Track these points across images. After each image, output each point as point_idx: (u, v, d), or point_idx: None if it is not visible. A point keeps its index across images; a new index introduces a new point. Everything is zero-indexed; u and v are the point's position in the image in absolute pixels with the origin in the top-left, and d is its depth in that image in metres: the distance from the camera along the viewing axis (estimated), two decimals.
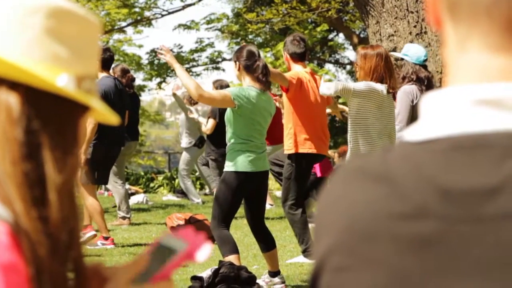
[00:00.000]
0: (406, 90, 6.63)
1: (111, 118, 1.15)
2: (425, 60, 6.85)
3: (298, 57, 7.21)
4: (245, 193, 6.36)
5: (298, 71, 7.14)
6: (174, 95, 11.89)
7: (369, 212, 0.81)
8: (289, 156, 7.20)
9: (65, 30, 1.11)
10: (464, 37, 0.83)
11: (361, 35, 20.86)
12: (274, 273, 6.57)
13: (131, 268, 1.17)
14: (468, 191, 0.77)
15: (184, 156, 12.69)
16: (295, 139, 7.13)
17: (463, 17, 0.83)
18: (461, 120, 0.80)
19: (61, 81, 1.09)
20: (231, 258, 6.29)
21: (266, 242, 6.55)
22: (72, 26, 1.12)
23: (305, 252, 7.41)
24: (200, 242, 1.17)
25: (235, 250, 6.34)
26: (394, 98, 6.51)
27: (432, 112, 0.83)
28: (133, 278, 1.17)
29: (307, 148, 7.14)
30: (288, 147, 7.18)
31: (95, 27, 1.15)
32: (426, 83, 6.76)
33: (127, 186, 12.78)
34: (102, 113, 1.15)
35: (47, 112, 1.09)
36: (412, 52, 6.79)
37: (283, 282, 6.59)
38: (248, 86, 6.34)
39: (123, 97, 8.68)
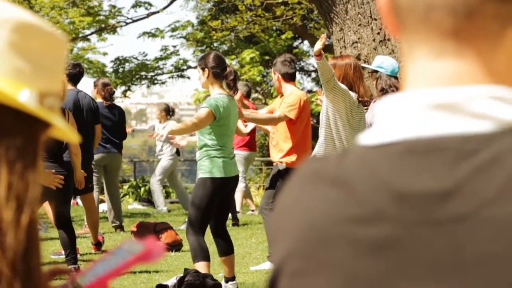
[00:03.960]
0: None
1: (72, 136, 1.14)
2: (398, 72, 6.84)
3: (290, 77, 7.56)
4: (220, 198, 6.38)
5: (298, 93, 7.48)
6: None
7: (325, 216, 0.81)
8: (281, 168, 7.39)
9: (29, 45, 1.10)
10: (410, 45, 0.85)
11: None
12: (228, 278, 6.59)
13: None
14: (422, 195, 0.78)
15: (164, 163, 12.82)
16: (297, 155, 7.34)
17: (407, 25, 0.84)
18: (416, 124, 0.81)
19: (23, 96, 1.07)
20: (201, 265, 6.28)
21: (225, 246, 6.56)
22: (37, 42, 1.10)
23: None
24: (155, 246, 1.26)
25: (206, 258, 6.34)
26: (364, 105, 6.55)
27: (387, 116, 0.83)
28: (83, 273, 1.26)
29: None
30: (289, 160, 7.35)
31: (61, 43, 1.14)
32: None
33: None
34: (63, 131, 1.14)
35: (7, 127, 1.08)
36: (386, 64, 6.71)
37: None
38: (219, 94, 6.33)
39: (87, 111, 8.87)
